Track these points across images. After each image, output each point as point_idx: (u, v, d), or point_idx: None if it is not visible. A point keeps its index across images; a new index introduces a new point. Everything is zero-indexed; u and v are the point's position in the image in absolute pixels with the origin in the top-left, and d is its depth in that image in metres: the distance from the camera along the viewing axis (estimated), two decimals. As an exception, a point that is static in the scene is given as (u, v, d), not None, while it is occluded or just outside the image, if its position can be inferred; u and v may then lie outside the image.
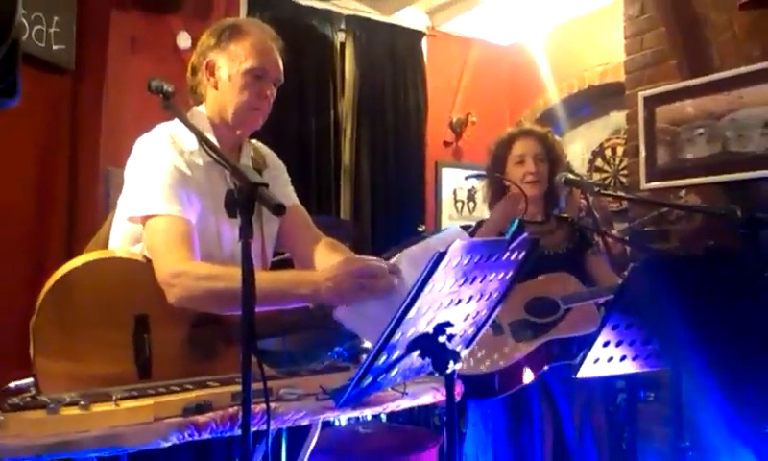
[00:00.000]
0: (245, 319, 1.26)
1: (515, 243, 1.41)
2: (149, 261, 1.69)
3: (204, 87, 1.87)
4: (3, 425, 1.30)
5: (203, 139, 1.48)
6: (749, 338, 2.02)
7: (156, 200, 1.68)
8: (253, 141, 2.01)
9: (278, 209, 1.28)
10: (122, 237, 1.80)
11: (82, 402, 1.36)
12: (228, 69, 1.81)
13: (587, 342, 1.81)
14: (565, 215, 2.67)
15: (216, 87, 1.84)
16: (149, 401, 1.41)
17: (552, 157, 2.58)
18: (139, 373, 1.64)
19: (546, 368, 2.35)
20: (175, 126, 1.79)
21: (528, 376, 2.33)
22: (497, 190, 2.66)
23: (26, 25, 3.36)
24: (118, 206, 1.84)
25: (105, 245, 1.87)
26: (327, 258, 1.89)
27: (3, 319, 3.43)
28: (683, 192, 3.44)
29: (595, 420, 2.44)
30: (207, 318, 1.72)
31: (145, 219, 1.70)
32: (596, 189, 2.91)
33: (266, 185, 1.31)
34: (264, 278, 1.62)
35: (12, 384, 1.60)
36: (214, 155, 1.44)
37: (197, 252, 1.70)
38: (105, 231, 1.91)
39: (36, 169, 3.63)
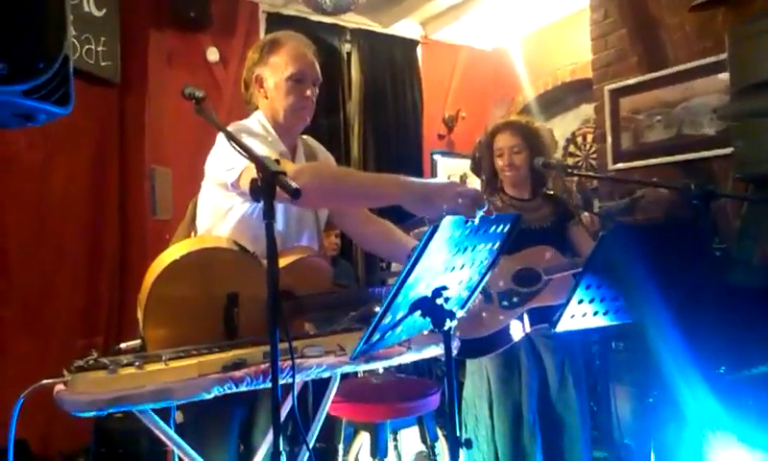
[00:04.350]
0: (271, 290, 1.26)
1: (486, 219, 1.37)
2: (238, 246, 1.68)
3: (256, 98, 1.87)
4: (70, 384, 1.32)
5: (228, 135, 1.46)
6: (703, 293, 2.01)
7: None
8: (305, 137, 2.00)
9: (296, 193, 1.27)
10: (210, 216, 1.79)
11: (136, 363, 1.37)
12: (274, 79, 1.82)
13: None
14: (550, 192, 2.64)
15: (266, 96, 1.84)
16: (193, 361, 1.42)
17: (531, 145, 2.50)
18: (229, 331, 1.63)
19: (530, 330, 2.33)
20: (254, 121, 1.81)
21: (513, 339, 2.31)
22: (489, 176, 2.63)
23: (77, 44, 3.35)
24: (203, 189, 1.83)
25: (191, 226, 1.87)
26: (378, 230, 1.97)
27: (68, 296, 3.46)
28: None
29: (575, 368, 2.43)
30: (281, 295, 1.70)
31: (242, 172, 1.63)
32: (569, 171, 2.88)
33: (284, 173, 1.29)
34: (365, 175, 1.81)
35: (123, 345, 1.60)
36: (239, 149, 1.42)
37: None
38: (189, 218, 1.91)
39: (91, 167, 3.64)
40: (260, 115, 1.86)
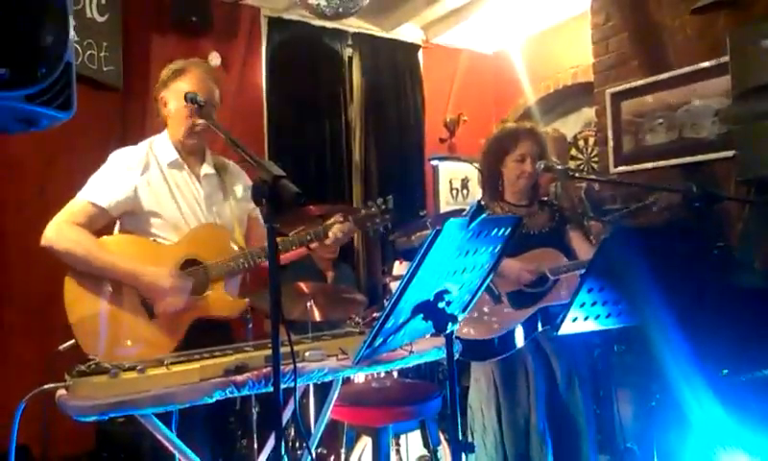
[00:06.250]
0: (272, 294, 1.26)
1: (475, 222, 1.36)
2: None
3: (164, 116, 2.09)
4: (71, 389, 1.32)
5: (233, 143, 1.49)
6: (705, 296, 2.01)
7: (90, 188, 2.01)
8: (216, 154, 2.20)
9: (298, 198, 1.27)
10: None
11: (138, 367, 1.37)
12: (175, 103, 2.01)
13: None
14: (546, 199, 2.64)
15: (169, 117, 2.06)
16: (195, 365, 1.42)
17: (542, 154, 2.50)
18: (147, 311, 1.88)
19: (539, 331, 2.33)
20: (161, 138, 2.05)
21: (522, 340, 2.31)
22: (490, 178, 2.61)
23: (79, 50, 3.36)
24: None
25: None
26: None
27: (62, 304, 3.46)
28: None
29: (580, 371, 2.42)
30: (189, 263, 1.94)
31: (78, 205, 1.99)
32: (570, 174, 2.88)
33: (285, 177, 1.30)
34: (109, 263, 1.92)
35: (60, 347, 1.73)
36: (242, 153, 1.44)
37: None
38: None
39: (93, 172, 3.64)
40: (163, 139, 2.06)
